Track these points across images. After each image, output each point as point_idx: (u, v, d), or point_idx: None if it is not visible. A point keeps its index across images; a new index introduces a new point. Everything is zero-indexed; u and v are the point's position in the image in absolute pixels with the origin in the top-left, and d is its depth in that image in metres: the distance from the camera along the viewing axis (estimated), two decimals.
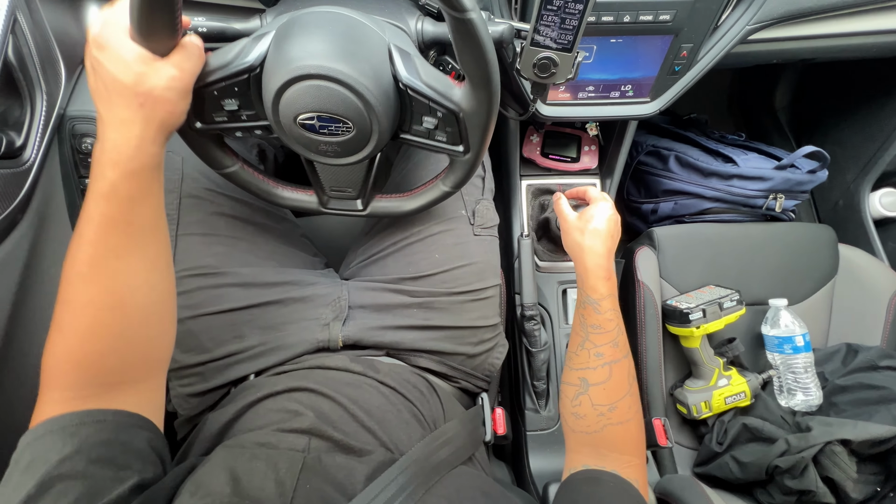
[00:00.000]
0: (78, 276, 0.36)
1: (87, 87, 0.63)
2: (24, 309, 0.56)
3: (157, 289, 0.39)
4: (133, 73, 0.35)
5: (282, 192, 0.54)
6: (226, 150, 0.50)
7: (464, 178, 0.50)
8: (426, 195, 0.53)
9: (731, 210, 0.95)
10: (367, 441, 0.42)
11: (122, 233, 0.36)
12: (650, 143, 1.05)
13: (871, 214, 1.02)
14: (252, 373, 0.52)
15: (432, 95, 0.41)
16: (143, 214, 0.38)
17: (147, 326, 0.39)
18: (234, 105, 0.43)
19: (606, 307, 0.52)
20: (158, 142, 0.38)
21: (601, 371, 0.49)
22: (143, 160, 0.36)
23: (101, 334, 0.36)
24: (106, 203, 0.36)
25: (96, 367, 0.36)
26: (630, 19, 0.60)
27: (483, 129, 0.43)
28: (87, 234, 0.36)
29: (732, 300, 0.77)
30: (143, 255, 0.38)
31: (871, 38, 0.73)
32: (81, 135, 0.62)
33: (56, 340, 0.36)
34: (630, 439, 0.47)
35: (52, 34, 0.57)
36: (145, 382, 0.39)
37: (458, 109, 0.42)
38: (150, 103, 0.36)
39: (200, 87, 0.41)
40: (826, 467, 0.62)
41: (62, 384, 0.35)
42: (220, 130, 0.46)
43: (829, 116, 1.12)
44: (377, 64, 0.41)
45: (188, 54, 0.37)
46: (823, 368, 0.79)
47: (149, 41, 0.35)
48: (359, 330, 0.54)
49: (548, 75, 0.48)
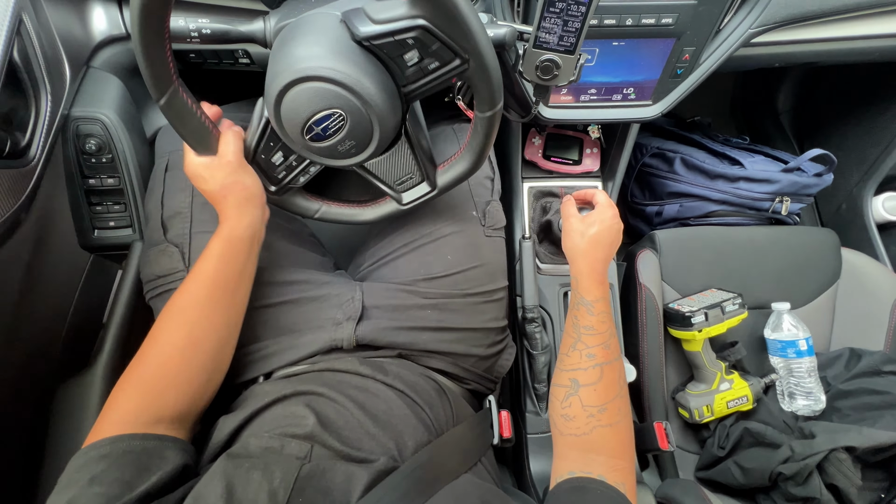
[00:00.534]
0: (168, 318, 0.44)
1: (91, 89, 0.64)
2: (27, 308, 0.56)
3: (222, 340, 0.47)
4: (208, 178, 0.47)
5: (366, 210, 0.58)
6: (308, 198, 0.57)
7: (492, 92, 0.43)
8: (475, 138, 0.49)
9: (737, 213, 0.94)
10: (370, 448, 0.42)
11: (208, 286, 0.46)
12: (655, 146, 1.05)
13: (874, 218, 1.01)
14: (264, 372, 0.53)
15: (389, 28, 0.39)
16: (227, 272, 0.47)
17: (204, 371, 0.45)
18: (281, 157, 0.50)
19: (600, 309, 0.53)
20: (248, 214, 0.49)
21: (592, 372, 0.49)
22: (233, 231, 0.48)
23: (169, 367, 0.42)
24: (203, 261, 0.46)
25: (156, 396, 0.41)
26: (632, 22, 0.60)
27: (461, 23, 0.37)
28: (185, 285, 0.46)
29: (735, 304, 0.77)
30: (218, 308, 0.46)
31: (873, 42, 0.73)
32: (85, 135, 0.62)
33: (135, 366, 0.42)
34: (619, 442, 0.46)
35: (57, 35, 0.58)
36: (184, 425, 0.44)
37: (420, 20, 0.38)
38: (227, 191, 0.48)
39: (252, 158, 0.50)
40: (830, 474, 0.62)
41: (125, 407, 0.40)
42: (289, 184, 0.53)
43: (832, 120, 1.11)
44: (334, 42, 0.40)
45: (227, 140, 0.48)
46: (826, 373, 0.79)
47: (201, 147, 0.47)
48: (373, 330, 0.54)
49: (550, 77, 0.49)
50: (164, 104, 0.42)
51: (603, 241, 0.57)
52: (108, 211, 0.67)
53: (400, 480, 0.38)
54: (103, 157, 0.64)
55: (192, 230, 0.54)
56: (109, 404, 0.41)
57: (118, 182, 0.66)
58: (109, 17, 0.65)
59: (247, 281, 0.50)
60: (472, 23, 0.38)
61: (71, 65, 0.60)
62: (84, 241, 0.67)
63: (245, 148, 0.49)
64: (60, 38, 0.58)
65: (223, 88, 0.85)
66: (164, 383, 0.42)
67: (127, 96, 0.68)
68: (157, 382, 0.42)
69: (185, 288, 0.45)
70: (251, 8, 0.61)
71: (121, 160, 0.65)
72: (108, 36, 0.65)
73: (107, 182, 0.65)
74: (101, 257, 0.70)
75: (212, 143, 0.47)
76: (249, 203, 0.49)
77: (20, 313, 0.55)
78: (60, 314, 0.63)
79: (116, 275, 0.72)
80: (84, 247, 0.67)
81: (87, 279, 0.67)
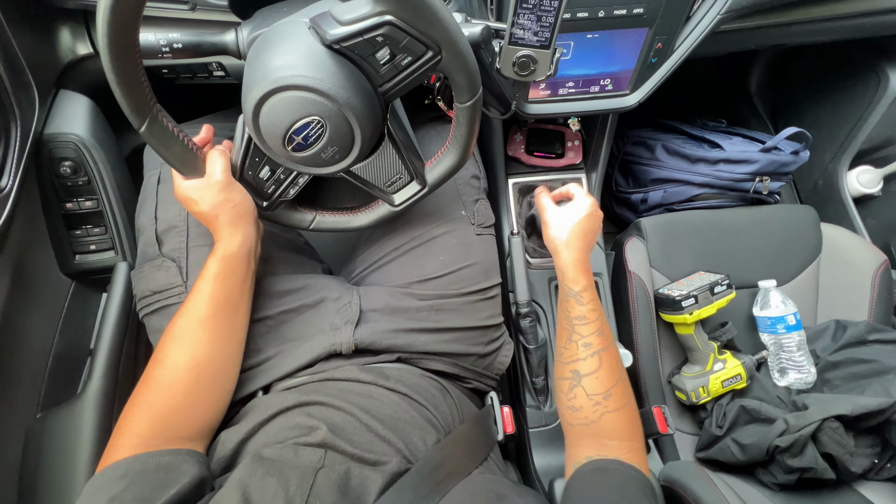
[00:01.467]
0: (171, 340, 0.45)
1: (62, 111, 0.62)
2: (9, 339, 0.55)
3: (228, 359, 0.47)
4: (198, 200, 0.47)
5: (359, 217, 0.57)
6: (300, 210, 0.56)
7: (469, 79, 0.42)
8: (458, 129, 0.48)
9: (720, 195, 0.96)
10: (382, 451, 0.42)
11: (208, 305, 0.45)
12: (636, 134, 1.06)
13: (850, 192, 1.04)
14: (263, 385, 0.52)
15: (356, 29, 0.38)
16: (225, 291, 0.47)
17: (213, 391, 0.46)
18: (268, 171, 0.50)
19: (588, 298, 0.54)
20: (240, 232, 0.48)
21: (591, 361, 0.50)
22: (227, 250, 0.47)
23: (177, 390, 0.42)
24: (202, 281, 0.47)
25: (167, 419, 0.41)
26: (605, 14, 0.60)
27: (425, 14, 0.37)
28: (186, 306, 0.46)
29: (723, 285, 0.78)
30: (221, 327, 0.46)
31: (839, 23, 0.75)
32: (59, 158, 0.61)
33: (141, 391, 0.43)
34: (628, 424, 0.48)
35: (22, 59, 0.56)
36: (199, 441, 0.44)
37: (385, 15, 0.37)
38: (219, 211, 0.47)
39: (239, 176, 0.49)
40: (824, 443, 0.63)
41: (136, 430, 0.40)
42: (279, 198, 0.53)
43: (804, 99, 1.14)
44: (303, 48, 0.40)
45: (212, 160, 0.48)
46: (814, 346, 0.80)
47: (188, 170, 0.46)
48: (371, 333, 0.54)
49: (528, 73, 0.49)
50: (144, 131, 0.41)
51: (583, 230, 0.59)
52: (87, 235, 0.65)
53: (413, 481, 0.38)
54: (79, 180, 0.62)
55: (188, 244, 0.54)
56: (120, 429, 0.41)
57: (96, 204, 0.64)
58: (76, 37, 0.63)
59: (247, 297, 0.50)
60: (438, 11, 0.37)
61: (39, 88, 0.59)
62: (65, 268, 0.65)
63: (231, 165, 0.49)
64: (26, 61, 0.57)
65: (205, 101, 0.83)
66: (173, 405, 0.42)
67: (100, 116, 0.66)
68: (165, 405, 0.42)
69: (186, 309, 0.45)
70: (222, 20, 0.61)
71: (98, 181, 0.63)
72: (77, 56, 0.63)
73: (85, 205, 0.64)
74: (83, 283, 0.68)
75: (198, 164, 0.47)
76: (241, 220, 0.48)
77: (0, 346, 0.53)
78: (44, 345, 0.61)
79: (101, 299, 0.70)
80: (65, 273, 0.65)
81: (70, 306, 0.65)
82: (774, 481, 0.67)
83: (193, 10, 0.57)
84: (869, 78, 0.96)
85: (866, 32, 0.79)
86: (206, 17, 0.60)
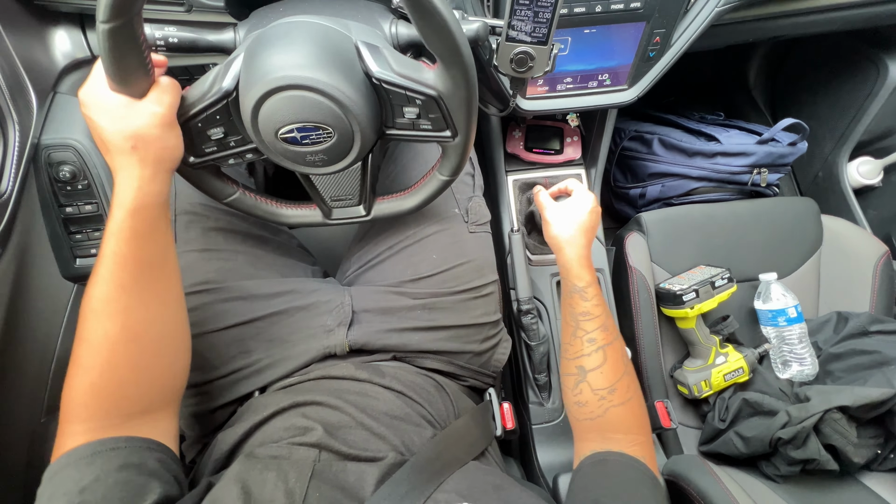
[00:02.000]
0: (93, 314, 0.38)
1: (60, 115, 0.62)
2: (12, 344, 0.55)
3: (169, 322, 0.42)
4: (117, 119, 0.37)
5: (286, 210, 0.55)
6: (224, 180, 0.51)
7: (459, 163, 0.49)
8: (425, 189, 0.53)
9: (718, 189, 0.96)
10: (378, 448, 0.42)
11: (131, 269, 0.38)
12: (633, 129, 1.06)
13: (850, 184, 1.04)
14: (259, 387, 0.52)
15: (406, 84, 0.41)
16: (149, 250, 0.40)
17: (161, 357, 0.41)
18: (220, 133, 0.44)
19: (592, 293, 0.54)
20: (159, 180, 0.40)
21: (596, 356, 0.50)
22: (145, 199, 0.39)
23: (119, 366, 0.38)
24: (115, 241, 0.38)
25: (116, 397, 0.37)
26: (602, 9, 0.60)
27: (466, 108, 0.42)
28: (99, 272, 0.38)
29: (723, 278, 0.78)
30: (152, 289, 0.40)
31: (837, 13, 0.75)
32: (58, 163, 0.61)
33: (76, 375, 0.37)
34: (633, 418, 0.48)
35: (19, 63, 0.56)
36: (161, 411, 0.40)
37: (436, 92, 0.41)
38: (141, 144, 0.38)
39: (185, 121, 0.42)
40: (827, 435, 0.63)
41: (84, 416, 0.37)
42: (214, 161, 0.47)
43: (803, 91, 1.14)
44: (346, 64, 0.40)
45: (163, 89, 0.39)
46: (816, 338, 0.80)
47: (125, 86, 0.38)
48: (364, 334, 0.54)
49: (525, 69, 0.49)
50: (108, 30, 0.33)
51: (585, 226, 0.59)
52: (88, 238, 0.65)
53: (410, 472, 0.38)
54: (79, 184, 0.62)
55: (176, 250, 0.53)
56: (67, 419, 0.36)
57: (96, 208, 0.64)
58: (73, 41, 0.63)
59: (173, 256, 0.43)
60: (475, 110, 0.43)
61: (37, 92, 0.59)
62: (66, 272, 0.65)
63: (181, 107, 0.41)
64: (23, 65, 0.57)
65: None
66: (119, 382, 0.37)
67: None
68: (110, 384, 0.37)
69: (101, 276, 0.38)
70: (218, 21, 0.60)
71: (97, 185, 0.63)
72: (74, 60, 0.63)
73: (84, 209, 0.64)
74: (84, 286, 0.68)
75: (141, 84, 0.38)
76: (164, 166, 0.40)
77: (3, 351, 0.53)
78: (47, 349, 0.62)
79: None
80: (66, 277, 0.65)
81: (72, 310, 0.65)
82: (778, 473, 0.67)
83: (189, 11, 0.57)
84: (868, 68, 0.96)
85: (865, 23, 0.79)
86: (202, 18, 0.60)
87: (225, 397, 0.52)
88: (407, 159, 0.63)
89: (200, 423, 0.53)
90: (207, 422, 0.53)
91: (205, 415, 0.52)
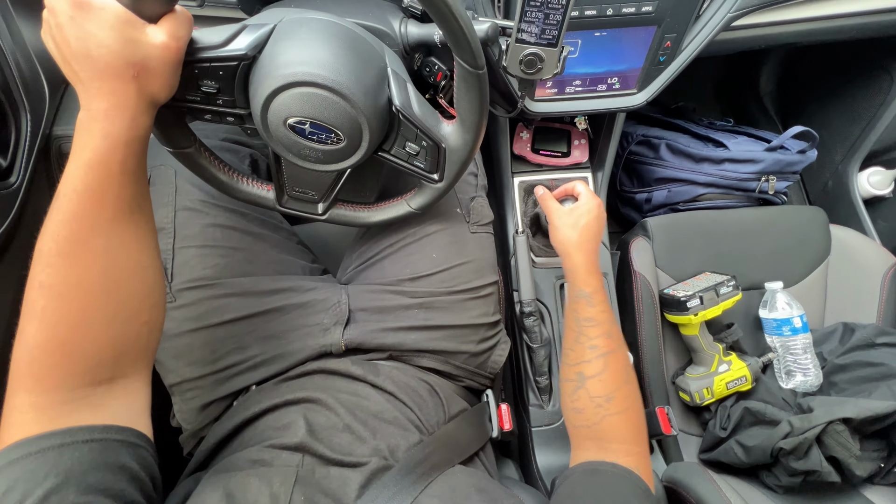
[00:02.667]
0: (60, 256, 0.31)
1: (72, 106, 0.63)
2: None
3: (149, 271, 0.37)
4: (124, 39, 0.32)
5: (238, 183, 0.52)
6: (185, 131, 0.47)
7: (430, 203, 0.52)
8: (390, 211, 0.55)
9: (725, 195, 0.95)
10: (361, 453, 0.42)
11: (111, 207, 0.33)
12: (640, 133, 1.05)
13: (861, 194, 1.03)
14: (254, 382, 0.52)
15: (423, 126, 0.44)
16: (132, 189, 0.34)
17: (141, 313, 0.36)
18: (213, 88, 0.41)
19: (598, 299, 0.53)
20: (150, 113, 0.35)
21: (597, 363, 0.49)
22: (138, 131, 0.34)
23: (96, 320, 0.32)
24: (93, 174, 0.32)
25: (90, 359, 0.32)
26: (613, 12, 0.60)
27: (462, 164, 0.47)
28: (69, 209, 0.32)
29: (728, 286, 0.78)
30: (134, 232, 0.35)
31: (850, 20, 0.74)
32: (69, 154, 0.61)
33: (35, 331, 0.31)
34: (629, 428, 0.47)
35: (33, 54, 0.57)
36: (135, 377, 0.35)
37: (444, 144, 0.45)
38: (143, 75, 0.33)
39: (190, 62, 0.38)
40: (829, 447, 0.63)
41: (49, 383, 0.30)
42: (189, 109, 0.43)
43: (814, 99, 1.13)
44: (376, 83, 0.42)
45: (180, 21, 0.34)
46: (821, 348, 0.80)
47: (140, 2, 0.33)
48: (360, 333, 0.54)
49: (534, 71, 0.49)
50: None
51: (592, 230, 0.59)
52: None
53: (394, 478, 0.38)
54: None
55: (175, 245, 0.53)
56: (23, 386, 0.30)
57: None
58: None
59: (149, 195, 0.38)
60: (466, 168, 0.49)
61: (49, 83, 0.59)
62: None
63: (189, 47, 0.37)
64: (37, 56, 0.57)
65: None
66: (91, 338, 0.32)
67: None
68: (83, 340, 0.32)
69: (72, 214, 0.32)
70: (230, 17, 0.61)
71: None
72: None
73: None
74: None
75: (157, 7, 0.33)
76: (154, 103, 0.36)
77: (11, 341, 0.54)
78: None
79: None
80: None
81: None
82: (778, 484, 0.67)
83: (202, 6, 0.57)
84: (881, 78, 0.95)
85: (878, 31, 0.78)
86: (214, 13, 0.60)
87: (221, 391, 0.52)
88: (391, 179, 0.64)
89: (199, 417, 0.53)
90: (205, 416, 0.53)
91: (202, 408, 0.53)
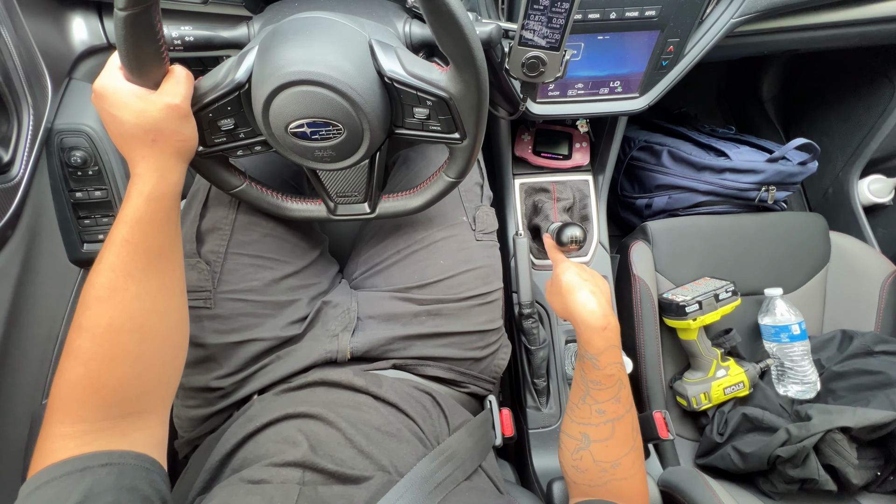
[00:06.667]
0: (98, 301, 0.36)
1: (74, 101, 0.63)
2: (18, 326, 0.56)
3: (174, 314, 0.41)
4: (136, 111, 0.38)
5: (291, 204, 0.55)
6: (232, 171, 0.52)
7: (465, 166, 0.49)
8: (431, 189, 0.53)
9: (725, 203, 0.95)
10: (364, 468, 0.41)
11: (142, 257, 0.38)
12: (642, 139, 1.06)
13: (861, 201, 1.03)
14: (259, 388, 0.52)
15: (418, 84, 0.41)
16: (160, 239, 0.39)
17: (164, 352, 0.40)
18: (231, 124, 0.45)
19: (606, 362, 0.47)
20: (177, 170, 0.41)
21: (604, 428, 0.46)
22: (165, 188, 0.40)
23: (122, 359, 0.36)
24: (128, 228, 0.38)
25: (116, 394, 0.35)
26: (616, 16, 0.60)
27: (476, 111, 0.43)
28: (106, 259, 0.37)
29: (728, 291, 0.78)
30: (160, 279, 0.39)
31: (854, 28, 0.74)
32: (70, 148, 0.61)
33: (72, 367, 0.35)
34: (634, 493, 0.45)
35: (36, 48, 0.57)
36: (156, 413, 0.39)
37: (447, 94, 0.41)
38: (161, 137, 0.39)
39: (197, 110, 0.43)
40: (827, 455, 0.63)
41: (77, 414, 0.34)
42: (223, 151, 0.47)
43: (816, 106, 1.13)
44: (359, 62, 0.40)
45: (177, 79, 0.40)
46: (819, 356, 0.80)
47: (141, 76, 0.38)
48: (367, 341, 0.54)
49: (537, 74, 0.49)
50: (126, 17, 0.34)
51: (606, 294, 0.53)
52: (96, 224, 0.66)
53: (398, 496, 0.38)
54: (89, 170, 0.63)
55: (228, 249, 0.53)
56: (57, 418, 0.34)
57: (106, 194, 0.65)
58: (90, 28, 0.64)
59: (180, 245, 0.43)
60: (485, 113, 0.43)
61: (52, 77, 0.60)
62: (73, 256, 0.66)
63: (193, 96, 0.42)
64: (40, 50, 0.57)
65: None
66: (119, 375, 0.36)
67: None
68: (110, 377, 0.35)
69: (107, 263, 0.37)
70: (234, 14, 0.61)
71: (107, 172, 0.64)
72: (89, 46, 0.64)
73: (94, 195, 0.64)
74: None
75: (155, 74, 0.38)
76: (182, 157, 0.41)
77: (10, 332, 0.54)
78: (52, 332, 0.62)
79: None
80: (73, 261, 0.66)
81: (77, 295, 0.66)
82: (774, 491, 0.67)
83: (206, 3, 0.57)
84: (883, 85, 0.95)
85: (881, 39, 0.78)
86: (218, 10, 0.61)
87: (224, 403, 0.52)
88: (420, 166, 0.63)
89: (196, 427, 0.53)
90: (203, 427, 0.53)
91: (201, 420, 0.52)
